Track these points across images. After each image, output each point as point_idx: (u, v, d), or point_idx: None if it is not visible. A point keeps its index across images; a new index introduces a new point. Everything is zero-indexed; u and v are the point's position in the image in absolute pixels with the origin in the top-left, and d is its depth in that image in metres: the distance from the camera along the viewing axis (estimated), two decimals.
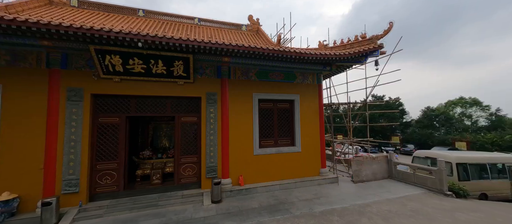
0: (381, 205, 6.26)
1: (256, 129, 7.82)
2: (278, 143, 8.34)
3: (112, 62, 5.97)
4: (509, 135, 20.23)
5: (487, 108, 27.28)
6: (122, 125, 6.55)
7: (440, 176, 7.30)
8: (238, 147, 7.53)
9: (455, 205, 6.31)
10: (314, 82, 8.88)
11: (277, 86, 8.28)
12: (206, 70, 7.36)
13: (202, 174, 7.02)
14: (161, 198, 6.31)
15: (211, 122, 7.22)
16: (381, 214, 5.67)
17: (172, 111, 7.12)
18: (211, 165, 7.09)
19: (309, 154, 8.51)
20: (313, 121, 8.75)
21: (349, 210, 5.89)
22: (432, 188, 7.51)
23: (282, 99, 8.34)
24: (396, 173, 8.94)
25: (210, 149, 7.13)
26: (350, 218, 5.43)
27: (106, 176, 6.29)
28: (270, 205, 6.25)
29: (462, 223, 5.21)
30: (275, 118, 8.38)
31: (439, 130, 28.10)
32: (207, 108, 7.22)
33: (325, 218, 5.42)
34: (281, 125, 8.48)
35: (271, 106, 8.38)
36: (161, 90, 6.77)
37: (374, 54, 8.01)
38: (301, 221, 5.24)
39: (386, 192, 7.43)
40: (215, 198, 6.42)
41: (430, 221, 5.28)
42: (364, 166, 8.76)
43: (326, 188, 7.85)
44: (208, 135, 7.14)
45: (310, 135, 8.62)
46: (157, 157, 7.75)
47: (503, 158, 9.25)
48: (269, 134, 8.27)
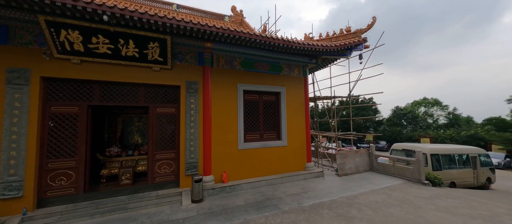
0: (368, 196, 6.23)
1: (241, 122, 7.32)
2: (263, 137, 7.94)
3: (69, 39, 4.97)
4: (465, 131, 22.72)
5: (446, 107, 30.50)
6: (82, 116, 5.53)
7: (418, 166, 7.61)
8: (222, 141, 6.96)
9: (434, 193, 6.56)
10: (300, 74, 8.69)
11: (263, 77, 7.89)
12: (186, 56, 6.65)
13: (181, 171, 6.30)
14: (131, 200, 5.45)
15: (191, 113, 6.53)
16: (369, 204, 5.61)
17: (145, 101, 6.27)
18: (191, 161, 6.40)
19: (295, 148, 8.28)
20: (299, 115, 8.55)
21: (338, 203, 5.73)
22: (411, 178, 7.81)
23: (268, 91, 7.97)
24: (377, 166, 9.18)
25: (190, 144, 6.44)
26: (340, 210, 5.24)
27: (60, 176, 5.23)
28: (256, 202, 5.80)
29: (443, 209, 5.37)
30: (260, 110, 7.98)
31: (406, 128, 30.57)
32: (187, 98, 6.51)
33: (315, 211, 5.16)
34: (267, 118, 8.10)
35: (256, 98, 7.95)
36: (132, 76, 5.90)
37: (358, 47, 8.09)
38: (291, 217, 4.90)
39: (370, 183, 7.50)
40: (196, 197, 5.76)
41: (415, 209, 5.34)
42: (348, 160, 8.82)
43: (312, 182, 7.68)
44: (188, 128, 6.44)
45: (296, 128, 8.40)
46: (127, 154, 6.80)
47: (467, 150, 10.13)
48: (254, 128, 7.83)
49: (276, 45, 6.61)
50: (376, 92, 8.99)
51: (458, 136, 22.83)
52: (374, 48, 8.44)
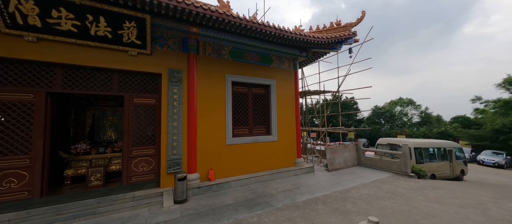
0: (360, 190, 6.12)
1: (229, 115, 6.82)
2: (253, 131, 7.52)
3: (22, 10, 4.10)
4: (436, 129, 24.48)
5: (419, 107, 32.75)
6: (39, 105, 4.63)
7: (404, 159, 7.75)
8: (208, 135, 6.40)
9: (420, 185, 6.67)
10: (290, 68, 8.42)
11: (253, 69, 7.46)
12: (169, 41, 5.98)
13: (162, 169, 5.63)
14: (101, 204, 4.68)
15: (174, 105, 5.88)
16: (363, 198, 5.47)
17: (120, 89, 5.50)
18: (174, 158, 5.76)
19: (285, 143, 7.98)
20: (289, 109, 8.27)
21: (332, 197, 5.51)
22: (398, 171, 7.94)
23: (258, 83, 7.57)
24: (364, 160, 9.25)
25: (173, 139, 5.79)
26: (335, 204, 5.01)
27: (9, 178, 4.30)
28: (247, 200, 5.36)
29: (433, 199, 5.41)
30: (250, 104, 7.54)
31: (384, 126, 32.25)
32: (170, 88, 5.86)
33: (310, 207, 4.86)
34: (256, 112, 7.69)
35: (245, 91, 7.50)
36: (104, 60, 5.11)
37: (348, 41, 8.04)
38: (285, 214, 4.54)
39: (360, 177, 7.46)
40: (179, 197, 5.15)
41: (407, 200, 5.31)
42: (337, 154, 8.76)
43: (303, 178, 7.43)
44: (171, 121, 5.79)
45: (286, 123, 8.10)
46: (98, 152, 5.95)
47: (444, 144, 10.68)
48: (243, 122, 7.38)
49: (267, 33, 6.23)
50: (365, 86, 9.07)
51: (430, 133, 24.55)
52: (363, 43, 8.49)
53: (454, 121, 27.74)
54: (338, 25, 8.09)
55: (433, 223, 4.12)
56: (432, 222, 4.17)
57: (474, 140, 21.82)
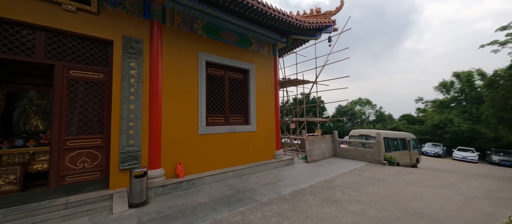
0: (343, 178, 5.89)
1: (202, 101, 5.82)
2: (229, 120, 6.65)
3: None
4: (389, 125, 27.48)
5: (374, 106, 36.57)
6: None
7: (378, 148, 7.98)
8: (177, 123, 5.29)
9: (395, 171, 6.86)
10: (269, 53, 7.84)
11: (230, 49, 6.61)
12: (124, 1, 4.69)
13: (112, 164, 4.32)
14: (11, 214, 3.20)
15: (131, 83, 4.62)
16: (348, 186, 5.20)
17: (48, 55, 3.99)
18: (130, 150, 4.50)
19: (264, 134, 7.34)
20: (269, 98, 7.68)
21: (318, 187, 5.08)
22: (372, 160, 8.14)
23: (236, 67, 6.74)
24: (340, 151, 9.31)
25: (129, 125, 4.53)
26: (324, 194, 4.57)
27: None
28: (225, 197, 4.50)
29: (410, 183, 5.48)
30: (226, 89, 6.66)
31: (347, 123, 34.95)
32: (125, 60, 4.58)
33: (298, 199, 4.30)
34: (233, 98, 6.85)
35: (221, 74, 6.59)
36: (21, 10, 3.59)
37: (328, 29, 7.90)
38: (273, 208, 3.86)
39: (339, 167, 7.34)
40: (137, 198, 3.97)
41: (390, 185, 5.24)
42: (315, 146, 8.55)
43: (284, 170, 6.91)
44: (126, 103, 4.52)
45: (265, 112, 7.48)
46: (13, 145, 4.28)
47: (405, 135, 11.68)
48: (219, 109, 6.45)
49: (249, 6, 5.48)
50: (343, 76, 9.14)
51: (385, 129, 27.46)
52: (342, 32, 8.51)
53: (402, 118, 31.79)
54: (318, 13, 7.88)
55: (422, 205, 4.00)
56: (421, 204, 4.05)
57: (418, 134, 25.17)
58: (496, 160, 18.14)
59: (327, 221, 3.36)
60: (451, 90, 26.23)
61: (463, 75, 24.29)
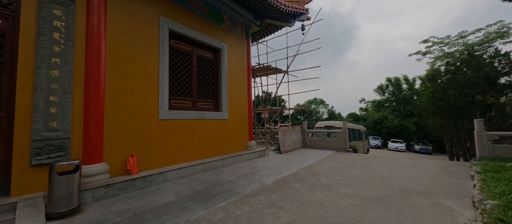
0: (321, 165, 5.75)
1: (164, 78, 4.67)
2: (198, 106, 5.64)
3: None
4: None
5: (327, 105, 40.41)
6: None
7: (345, 137, 8.35)
8: (128, 103, 4.03)
9: (361, 157, 7.23)
10: (242, 35, 7.16)
11: (199, 22, 5.61)
12: None
13: (17, 158, 2.83)
14: None
15: (55, 39, 3.18)
16: (330, 171, 5.03)
17: None
18: (52, 136, 3.07)
19: (237, 123, 6.61)
20: (242, 83, 6.99)
21: (301, 174, 4.71)
22: (339, 148, 8.46)
23: (206, 43, 5.78)
24: (308, 142, 9.41)
25: (50, 100, 3.09)
26: (310, 181, 4.22)
27: None
28: (198, 192, 3.59)
29: (378, 164, 5.76)
30: (194, 68, 5.62)
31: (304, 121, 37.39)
32: (43, 4, 3.10)
33: (285, 187, 3.79)
34: (203, 81, 5.86)
35: (189, 50, 5.52)
36: None
37: (301, 17, 7.78)
38: (261, 199, 3.22)
39: (312, 156, 7.27)
40: (62, 206, 2.66)
41: (366, 168, 5.35)
42: (287, 136, 8.34)
43: (259, 161, 6.35)
44: (45, 67, 3.07)
45: (238, 99, 6.76)
46: None
47: (360, 127, 12.90)
48: (185, 91, 5.37)
49: None
50: (314, 66, 9.25)
51: None
52: (313, 22, 8.57)
53: (349, 116, 36.15)
54: None
55: (401, 182, 4.09)
56: (400, 181, 4.15)
57: None
58: (417, 149, 22.45)
59: (326, 206, 2.94)
60: (385, 92, 31.28)
61: (394, 80, 29.33)
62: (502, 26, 15.80)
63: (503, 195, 2.85)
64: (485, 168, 4.44)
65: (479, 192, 3.15)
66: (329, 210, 2.83)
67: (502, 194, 2.87)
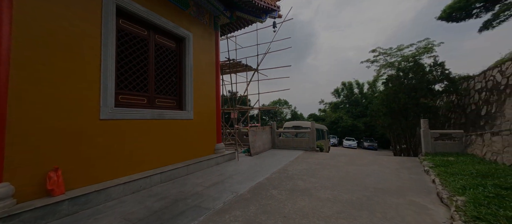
0: (294, 166, 5.55)
1: (109, 66, 3.64)
2: (155, 103, 4.70)
3: None
4: None
5: (290, 106, 42.28)
6: None
7: (312, 137, 8.50)
8: (50, 98, 2.92)
9: (329, 156, 7.42)
10: (210, 26, 6.44)
11: (158, 2, 4.68)
12: None
13: None
14: None
15: None
16: (304, 173, 4.85)
17: None
18: None
19: (204, 123, 5.87)
20: (209, 79, 6.27)
21: (276, 179, 4.37)
22: (307, 148, 8.56)
23: (167, 29, 4.88)
24: (278, 142, 9.27)
25: None
26: (287, 186, 3.90)
27: None
28: (153, 213, 2.82)
29: (346, 163, 5.91)
30: (151, 58, 4.65)
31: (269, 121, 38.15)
32: None
33: (262, 196, 3.35)
34: (163, 74, 4.93)
35: (144, 35, 4.53)
36: None
37: (273, 14, 7.53)
38: (237, 215, 2.70)
39: (283, 157, 7.09)
40: None
41: (335, 167, 5.38)
42: (257, 137, 7.97)
43: (228, 166, 5.76)
44: None
45: (205, 97, 6.03)
46: None
47: (322, 127, 13.59)
48: (139, 86, 4.37)
49: None
50: (284, 66, 9.14)
51: None
52: (285, 21, 8.44)
53: (310, 116, 38.61)
54: None
55: (373, 181, 4.17)
56: (372, 180, 4.22)
57: None
58: (366, 146, 25.44)
59: (311, 217, 2.62)
60: (341, 94, 34.60)
61: (348, 84, 32.71)
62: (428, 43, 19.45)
63: (465, 189, 3.07)
64: (435, 163, 4.97)
65: (443, 187, 3.35)
66: (316, 221, 2.51)
67: (463, 189, 3.09)
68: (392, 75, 10.49)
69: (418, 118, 8.90)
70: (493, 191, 2.83)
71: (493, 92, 6.19)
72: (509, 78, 5.58)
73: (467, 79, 7.93)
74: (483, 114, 6.59)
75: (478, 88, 7.07)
